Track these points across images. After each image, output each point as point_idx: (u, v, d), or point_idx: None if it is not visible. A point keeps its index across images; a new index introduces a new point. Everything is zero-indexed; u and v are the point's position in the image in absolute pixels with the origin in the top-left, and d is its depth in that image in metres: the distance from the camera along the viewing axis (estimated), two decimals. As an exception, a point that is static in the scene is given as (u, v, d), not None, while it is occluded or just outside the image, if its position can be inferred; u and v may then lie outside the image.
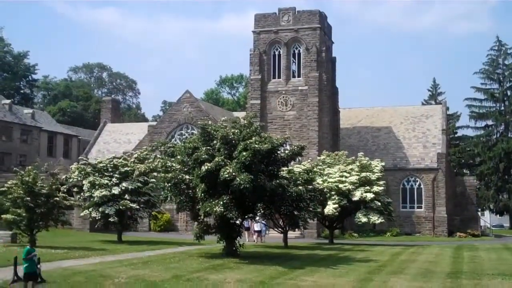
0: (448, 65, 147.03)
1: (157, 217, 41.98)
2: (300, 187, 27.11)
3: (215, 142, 25.67)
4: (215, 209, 23.60)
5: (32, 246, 16.19)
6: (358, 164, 37.98)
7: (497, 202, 66.15)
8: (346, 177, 36.21)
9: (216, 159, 24.04)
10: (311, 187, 29.75)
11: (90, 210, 33.95)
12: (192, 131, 47.60)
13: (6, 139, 58.38)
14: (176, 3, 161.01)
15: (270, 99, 47.65)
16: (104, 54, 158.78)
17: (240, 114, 45.38)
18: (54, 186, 31.17)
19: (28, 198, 29.46)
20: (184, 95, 50.58)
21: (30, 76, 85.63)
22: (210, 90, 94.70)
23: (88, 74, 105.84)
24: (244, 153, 23.87)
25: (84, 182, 34.25)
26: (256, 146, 23.99)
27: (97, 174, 34.53)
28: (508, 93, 67.73)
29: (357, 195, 35.55)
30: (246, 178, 23.00)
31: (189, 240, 32.54)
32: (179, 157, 26.31)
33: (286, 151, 26.97)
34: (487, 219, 68.28)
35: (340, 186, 35.61)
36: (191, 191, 26.23)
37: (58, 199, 30.84)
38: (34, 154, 58.98)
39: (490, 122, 68.51)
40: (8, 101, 62.75)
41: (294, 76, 48.37)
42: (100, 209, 33.39)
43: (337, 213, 35.44)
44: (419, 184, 47.57)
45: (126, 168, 34.61)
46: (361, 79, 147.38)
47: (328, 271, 21.25)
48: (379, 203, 36.20)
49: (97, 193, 33.17)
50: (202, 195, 24.56)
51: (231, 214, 24.03)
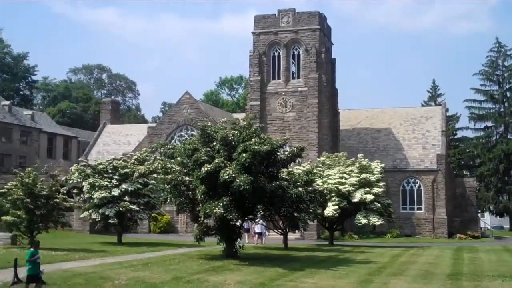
0: (448, 65, 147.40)
1: (157, 218, 41.97)
2: (300, 189, 27.10)
3: (214, 143, 25.65)
4: (215, 210, 23.58)
5: (36, 249, 16.14)
6: (358, 165, 37.98)
7: (497, 204, 66.20)
8: (346, 178, 36.22)
9: (216, 160, 24.03)
10: (311, 188, 29.75)
11: (90, 211, 33.92)
12: (191, 133, 47.61)
13: (6, 140, 58.37)
14: (176, 3, 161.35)
15: (270, 101, 47.67)
16: (104, 55, 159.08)
17: (239, 116, 45.33)
18: (54, 188, 31.11)
19: (28, 200, 29.39)
20: (184, 96, 50.60)
21: (29, 78, 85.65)
22: (210, 91, 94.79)
23: (87, 76, 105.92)
24: (244, 154, 23.85)
25: (84, 184, 34.21)
26: (256, 147, 23.97)
27: (97, 175, 34.50)
28: (508, 94, 67.83)
29: (357, 196, 35.55)
30: (246, 180, 22.98)
31: (189, 242, 32.52)
32: (179, 158, 26.29)
33: (286, 153, 26.91)
34: (487, 220, 68.32)
35: (340, 187, 35.62)
36: (191, 192, 26.20)
37: (58, 200, 30.77)
38: (34, 155, 58.96)
39: (489, 124, 68.67)
40: (7, 102, 62.73)
41: (293, 78, 48.42)
42: (100, 210, 33.37)
43: (337, 214, 35.45)
44: (419, 186, 47.59)
45: (126, 170, 34.60)
46: (361, 79, 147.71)
47: (328, 272, 21.24)
48: (379, 205, 36.21)
49: (97, 194, 33.13)
50: (202, 196, 24.54)
51: (231, 216, 24.01)
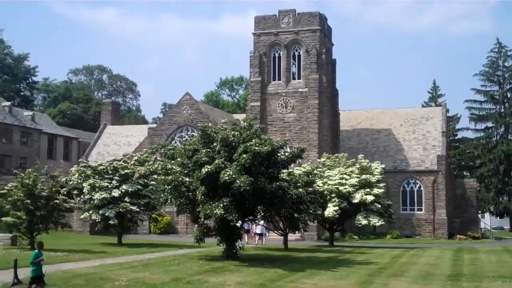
0: (448, 66, 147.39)
1: (157, 219, 42.03)
2: (300, 190, 27.06)
3: (215, 144, 25.65)
4: (215, 211, 23.57)
5: (40, 250, 16.12)
6: (358, 166, 37.99)
7: (497, 204, 66.18)
8: (346, 179, 36.23)
9: (216, 161, 24.02)
10: (311, 189, 29.74)
11: (90, 212, 33.94)
12: (192, 133, 47.61)
13: (6, 141, 58.40)
14: (176, 3, 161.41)
15: (270, 101, 47.68)
16: (104, 55, 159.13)
17: (240, 116, 45.35)
18: (54, 189, 31.12)
19: (28, 201, 29.40)
20: (184, 97, 50.61)
21: (30, 78, 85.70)
22: (210, 92, 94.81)
23: (88, 76, 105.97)
24: (244, 155, 23.85)
25: (84, 185, 34.22)
26: (256, 148, 23.97)
27: (97, 176, 34.51)
28: (508, 95, 67.83)
29: (357, 197, 35.56)
30: (246, 181, 22.98)
31: (189, 243, 32.52)
32: (179, 159, 26.28)
33: (286, 154, 26.92)
34: (487, 221, 68.27)
35: (340, 188, 35.63)
36: (191, 193, 26.19)
37: (58, 201, 30.77)
38: (34, 156, 58.96)
39: (490, 124, 68.66)
40: (8, 103, 62.78)
41: (294, 78, 48.43)
42: (100, 211, 33.37)
43: (337, 215, 35.47)
44: (419, 186, 47.58)
45: (126, 171, 34.60)
46: (361, 79, 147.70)
47: (328, 273, 21.23)
48: (379, 206, 36.23)
49: (97, 195, 33.14)
50: (202, 197, 24.54)
51: (231, 217, 24.00)
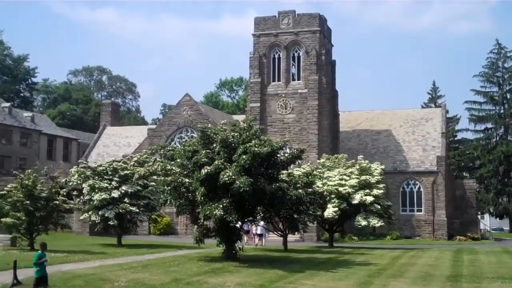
0: (448, 66, 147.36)
1: (156, 220, 42.03)
2: (300, 190, 27.06)
3: (214, 145, 25.65)
4: (214, 212, 23.57)
5: (43, 251, 16.12)
6: (357, 167, 37.99)
7: (496, 205, 66.13)
8: (346, 180, 36.22)
9: (216, 162, 24.03)
10: (310, 190, 29.75)
11: (90, 213, 33.92)
12: (191, 134, 47.61)
13: (6, 142, 58.41)
14: (176, 3, 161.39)
15: (270, 102, 47.69)
16: (104, 55, 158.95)
17: (239, 117, 45.34)
18: (53, 190, 31.14)
19: (27, 202, 29.40)
20: (184, 98, 50.62)
21: (29, 79, 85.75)
22: (210, 93, 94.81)
23: (87, 77, 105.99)
24: (244, 156, 23.85)
25: (83, 186, 34.23)
26: (256, 149, 23.97)
27: (96, 177, 34.50)
28: (508, 96, 67.81)
29: (356, 198, 35.56)
30: (246, 181, 22.98)
31: (188, 244, 32.52)
32: (178, 160, 26.29)
33: (286, 154, 26.94)
34: (486, 222, 68.24)
35: (340, 189, 35.62)
36: (190, 194, 26.19)
37: (57, 202, 30.80)
38: (34, 157, 58.97)
39: (489, 125, 68.63)
40: (8, 104, 62.81)
41: (293, 79, 48.44)
42: (100, 212, 33.36)
43: (336, 216, 35.46)
44: (419, 187, 47.58)
45: (125, 172, 34.60)
46: (361, 80, 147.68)
47: (328, 274, 21.23)
48: (379, 206, 36.23)
49: (96, 196, 33.14)
50: (202, 198, 24.54)
51: (230, 218, 24.00)
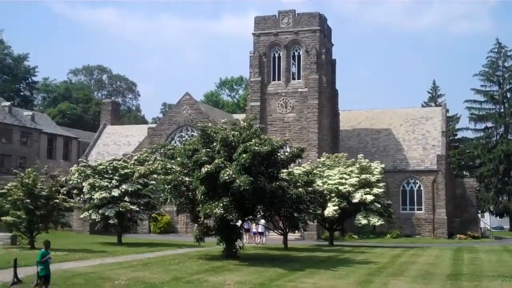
0: (448, 66, 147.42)
1: (157, 219, 41.97)
2: (300, 189, 27.10)
3: (215, 144, 25.65)
4: (215, 211, 23.58)
5: (47, 249, 16.11)
6: (358, 166, 37.99)
7: (497, 204, 66.20)
8: (346, 179, 36.22)
9: (216, 161, 24.03)
10: (311, 189, 29.76)
11: (90, 212, 33.93)
12: (192, 133, 47.62)
13: (6, 141, 58.41)
14: (176, 3, 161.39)
15: (270, 101, 47.70)
16: (104, 55, 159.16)
17: (240, 116, 45.34)
18: (54, 188, 31.11)
19: (28, 200, 29.40)
20: (184, 97, 50.62)
21: (30, 78, 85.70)
22: (210, 92, 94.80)
23: (88, 76, 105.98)
24: (244, 155, 23.85)
25: (84, 184, 34.22)
26: (256, 148, 23.98)
27: (97, 176, 34.51)
28: (508, 95, 67.84)
29: (357, 197, 35.55)
30: (246, 180, 22.99)
31: (189, 242, 32.53)
32: (179, 159, 26.29)
33: (286, 153, 26.92)
34: (487, 221, 68.30)
35: (340, 188, 35.62)
36: (191, 193, 26.21)
37: (58, 201, 30.77)
38: (34, 156, 58.97)
39: (490, 124, 68.69)
40: (8, 103, 62.79)
41: (294, 78, 48.44)
42: (100, 211, 33.37)
43: (337, 215, 35.46)
44: (419, 186, 47.59)
45: (126, 170, 34.60)
46: (361, 79, 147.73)
47: (328, 273, 21.24)
48: (379, 205, 36.22)
49: (97, 195, 33.14)
50: (202, 197, 24.55)
51: (231, 216, 24.02)
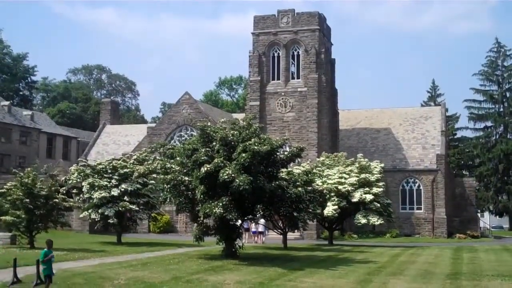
0: (447, 65, 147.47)
1: (156, 218, 41.97)
2: (300, 189, 27.08)
3: (214, 143, 25.63)
4: (214, 210, 23.57)
5: (49, 248, 16.07)
6: (357, 165, 37.98)
7: (496, 203, 66.19)
8: (346, 178, 36.23)
9: (216, 160, 24.01)
10: (310, 188, 29.71)
11: (90, 211, 33.92)
12: (191, 133, 47.63)
13: (5, 140, 58.41)
14: (176, 3, 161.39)
15: (269, 101, 47.69)
16: (103, 55, 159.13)
17: (239, 116, 45.37)
18: (53, 188, 31.09)
19: (27, 200, 29.38)
20: (183, 96, 50.63)
21: (29, 78, 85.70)
22: (209, 91, 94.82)
23: (87, 76, 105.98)
24: (244, 154, 23.84)
25: (83, 184, 34.21)
26: (256, 147, 23.96)
27: (96, 175, 34.50)
28: (507, 94, 67.84)
29: (356, 196, 35.56)
30: (246, 180, 22.97)
31: (188, 242, 32.54)
32: (178, 158, 26.27)
33: (286, 153, 26.92)
34: (486, 220, 68.30)
35: (340, 187, 35.62)
36: (190, 192, 26.18)
37: (57, 200, 30.77)
38: (33, 155, 58.98)
39: (489, 124, 68.71)
40: (7, 102, 62.80)
41: (293, 78, 48.45)
42: (100, 210, 33.36)
43: (336, 214, 35.46)
44: (419, 186, 47.61)
45: (125, 170, 34.60)
46: (360, 79, 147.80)
47: (328, 272, 21.24)
48: (379, 204, 36.22)
49: (96, 194, 33.14)
50: (202, 196, 24.52)
51: (230, 216, 24.01)
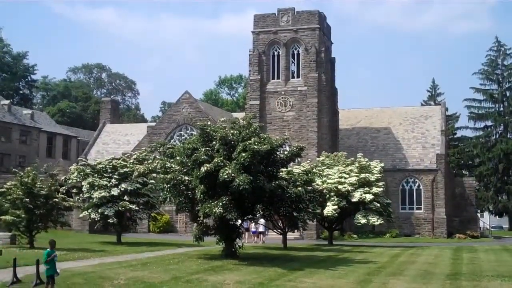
0: (447, 65, 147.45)
1: (156, 218, 41.94)
2: (299, 188, 27.06)
3: (214, 143, 25.60)
4: (214, 210, 23.55)
5: (52, 248, 16.05)
6: (357, 165, 37.96)
7: (496, 203, 66.17)
8: (345, 178, 36.20)
9: (215, 160, 23.99)
10: (310, 188, 29.69)
11: (89, 211, 33.89)
12: (191, 132, 47.60)
13: (5, 140, 58.39)
14: (176, 3, 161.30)
15: (269, 100, 47.66)
16: (104, 54, 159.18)
17: (239, 115, 45.35)
18: (53, 187, 31.08)
19: (27, 199, 29.38)
20: (183, 95, 50.61)
21: (29, 77, 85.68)
22: (209, 90, 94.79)
23: (87, 75, 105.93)
24: (243, 154, 23.81)
25: (83, 183, 34.18)
26: (255, 147, 23.93)
27: (96, 175, 34.46)
28: (507, 93, 67.80)
29: (356, 196, 35.53)
30: (245, 179, 22.95)
31: (188, 242, 32.53)
32: (178, 158, 26.25)
33: (285, 152, 26.89)
34: (486, 220, 68.33)
35: (339, 187, 35.60)
36: (190, 192, 26.17)
37: (57, 200, 30.76)
38: (33, 155, 58.96)
39: (489, 123, 68.69)
40: (7, 101, 62.77)
41: (293, 77, 48.41)
42: (99, 210, 33.34)
43: (336, 214, 35.44)
44: (418, 185, 47.59)
45: (125, 169, 34.58)
46: (360, 79, 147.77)
47: (327, 272, 21.23)
48: (378, 204, 36.19)
49: (96, 194, 33.11)
50: (202, 196, 24.50)
51: (230, 215, 23.99)
